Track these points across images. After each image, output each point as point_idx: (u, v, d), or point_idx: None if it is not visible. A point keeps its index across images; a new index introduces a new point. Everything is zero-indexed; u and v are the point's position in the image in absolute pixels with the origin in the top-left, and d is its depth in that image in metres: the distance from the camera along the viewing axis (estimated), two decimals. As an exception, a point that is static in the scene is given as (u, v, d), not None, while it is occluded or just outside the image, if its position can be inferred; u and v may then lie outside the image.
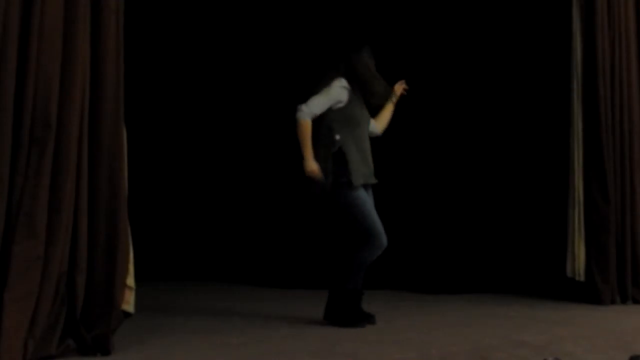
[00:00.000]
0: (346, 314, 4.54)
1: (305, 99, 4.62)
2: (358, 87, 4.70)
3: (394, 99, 4.99)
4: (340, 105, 4.62)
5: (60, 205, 3.47)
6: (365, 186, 4.66)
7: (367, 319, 4.58)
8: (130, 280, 3.81)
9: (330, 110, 4.62)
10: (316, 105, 4.57)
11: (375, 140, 4.93)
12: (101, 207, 3.68)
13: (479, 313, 5.12)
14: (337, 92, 4.62)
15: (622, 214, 5.78)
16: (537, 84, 6.51)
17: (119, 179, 3.73)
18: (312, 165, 4.51)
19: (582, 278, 5.66)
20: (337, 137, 4.58)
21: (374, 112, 4.94)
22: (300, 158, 4.58)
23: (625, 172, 5.83)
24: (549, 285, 6.02)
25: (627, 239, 5.77)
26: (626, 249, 5.75)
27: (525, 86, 6.61)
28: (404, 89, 5.03)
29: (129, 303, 3.79)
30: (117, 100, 3.75)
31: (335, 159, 4.57)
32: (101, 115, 3.69)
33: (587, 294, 5.64)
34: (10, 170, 3.38)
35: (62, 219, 3.47)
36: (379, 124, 4.96)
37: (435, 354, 3.68)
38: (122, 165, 3.76)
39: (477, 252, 6.65)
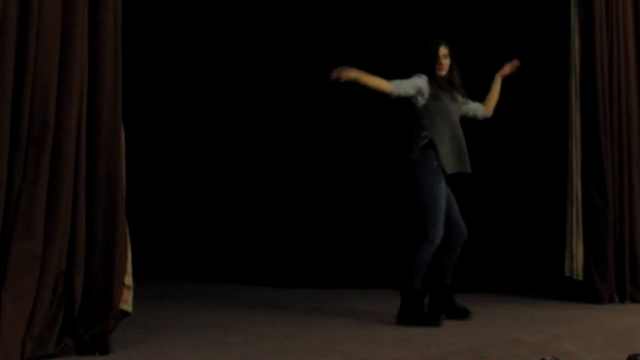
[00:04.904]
0: (411, 314, 4.65)
1: (306, 98, 4.63)
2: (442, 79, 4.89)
3: (499, 78, 5.20)
4: (423, 101, 4.77)
5: (58, 204, 3.46)
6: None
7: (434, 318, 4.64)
8: (129, 280, 3.80)
9: (416, 107, 4.79)
10: (400, 83, 4.71)
11: (375, 141, 4.92)
12: (99, 206, 3.67)
13: (478, 312, 5.11)
14: (417, 80, 4.76)
15: (620, 213, 5.78)
16: (535, 83, 6.49)
17: (117, 178, 3.72)
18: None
19: (581, 277, 5.66)
20: (425, 133, 4.75)
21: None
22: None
23: (624, 171, 5.83)
24: (547, 284, 6.02)
25: (626, 238, 5.77)
26: (624, 248, 5.75)
27: (524, 85, 6.58)
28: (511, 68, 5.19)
29: (127, 302, 3.78)
30: (115, 99, 3.74)
31: (423, 151, 4.74)
32: (99, 115, 3.69)
33: (586, 293, 5.64)
34: (9, 169, 3.37)
35: (60, 218, 3.46)
36: (487, 105, 5.18)
37: (434, 354, 3.67)
38: (120, 165, 3.76)
39: (476, 252, 6.63)
